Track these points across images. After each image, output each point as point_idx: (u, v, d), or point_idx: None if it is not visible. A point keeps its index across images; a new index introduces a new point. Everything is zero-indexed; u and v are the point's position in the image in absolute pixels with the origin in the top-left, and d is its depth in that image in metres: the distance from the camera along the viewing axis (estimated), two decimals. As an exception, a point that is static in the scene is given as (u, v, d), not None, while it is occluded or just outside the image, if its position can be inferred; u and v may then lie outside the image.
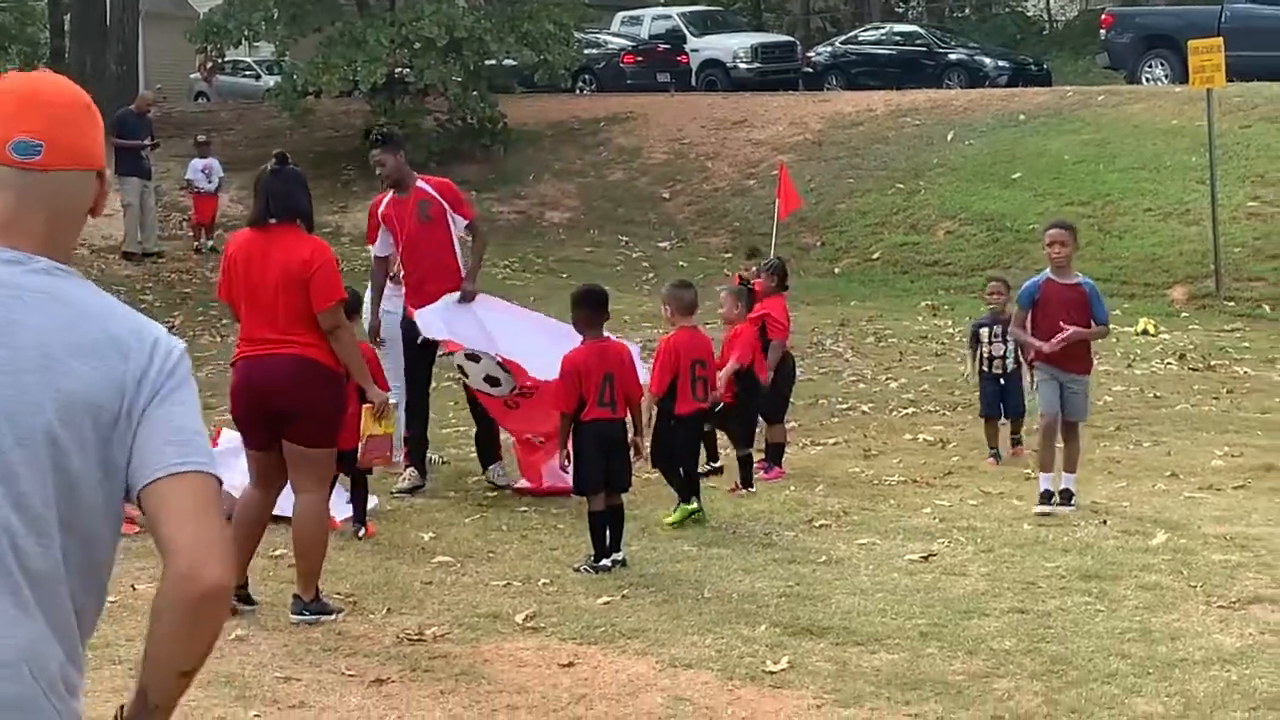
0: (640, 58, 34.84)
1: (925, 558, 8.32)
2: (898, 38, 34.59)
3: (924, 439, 12.02)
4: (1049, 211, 20.19)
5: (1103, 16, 30.74)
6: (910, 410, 13.37)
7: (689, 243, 24.11)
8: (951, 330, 17.48)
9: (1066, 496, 9.41)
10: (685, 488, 9.12)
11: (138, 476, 2.41)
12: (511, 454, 10.39)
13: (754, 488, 10.11)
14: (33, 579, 2.35)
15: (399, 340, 10.20)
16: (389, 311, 10.25)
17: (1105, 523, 9.03)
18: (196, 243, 23.44)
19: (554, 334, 9.85)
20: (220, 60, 35.49)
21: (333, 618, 7.24)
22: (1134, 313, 18.14)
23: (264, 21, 28.01)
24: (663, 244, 24.14)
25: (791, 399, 11.29)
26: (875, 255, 22.09)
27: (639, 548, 8.54)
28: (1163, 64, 27.73)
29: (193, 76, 40.79)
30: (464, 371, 10.12)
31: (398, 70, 27.63)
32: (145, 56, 36.66)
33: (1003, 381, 11.07)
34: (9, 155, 2.47)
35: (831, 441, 12.00)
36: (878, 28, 36.28)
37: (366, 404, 8.21)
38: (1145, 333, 17.30)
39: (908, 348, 16.86)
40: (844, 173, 24.50)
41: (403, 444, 9.95)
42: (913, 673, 6.45)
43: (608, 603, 7.54)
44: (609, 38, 36.24)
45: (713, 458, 10.60)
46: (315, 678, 6.48)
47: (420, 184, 10.13)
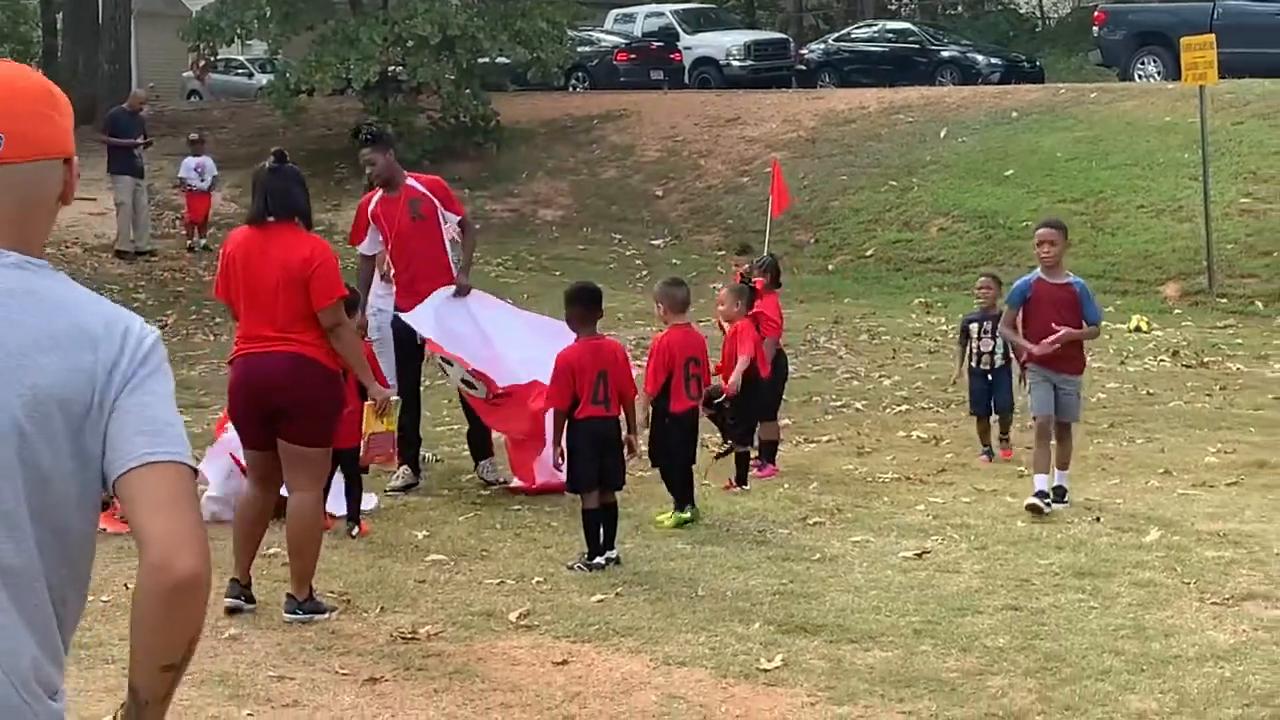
0: (633, 55, 34.85)
1: (919, 555, 8.32)
2: (890, 35, 34.62)
3: (917, 436, 12.02)
4: (1042, 208, 20.24)
5: (1095, 13, 30.75)
6: (904, 407, 13.38)
7: (682, 240, 24.11)
8: (944, 327, 17.48)
9: (1059, 493, 9.40)
10: (683, 493, 9.10)
11: (112, 467, 2.40)
12: (504, 452, 10.39)
13: (748, 485, 10.12)
14: (5, 574, 2.34)
15: (390, 339, 10.19)
16: (381, 310, 10.24)
17: (1099, 520, 9.04)
18: (189, 241, 23.39)
19: (547, 331, 9.85)
20: (213, 58, 35.50)
21: (326, 616, 7.24)
22: (1127, 309, 18.17)
23: (256, 19, 27.99)
24: (656, 242, 24.14)
25: (785, 396, 11.29)
26: (869, 252, 22.10)
27: (632, 545, 8.54)
28: (1155, 61, 27.76)
29: (185, 75, 40.72)
30: (445, 371, 10.15)
31: (391, 68, 27.62)
32: (138, 55, 36.60)
33: (990, 378, 11.07)
34: None
35: (825, 439, 12.00)
36: (871, 25, 36.33)
37: (368, 401, 8.22)
38: (1138, 330, 17.32)
39: (901, 345, 16.87)
40: (837, 170, 24.50)
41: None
42: (906, 670, 6.46)
43: (601, 601, 7.54)
44: (602, 35, 36.24)
45: (727, 438, 10.53)
46: (309, 676, 6.47)
47: (410, 182, 10.11)
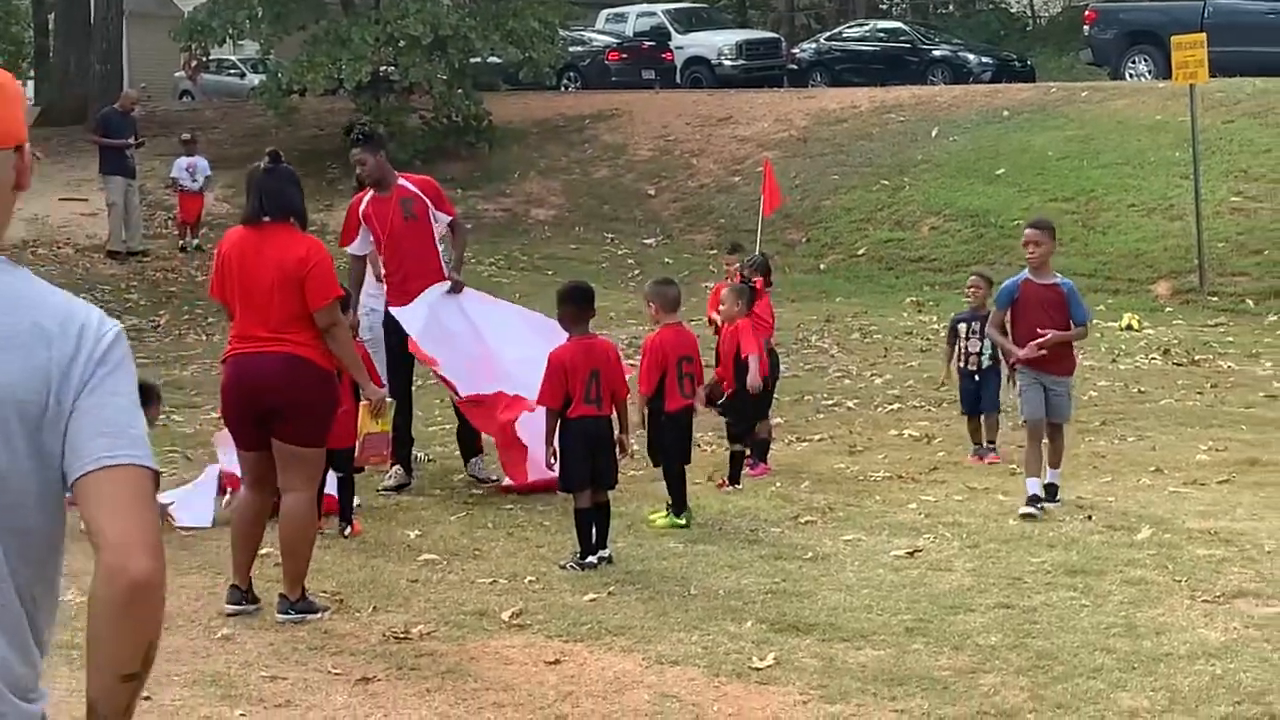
0: (625, 55, 34.83)
1: (911, 553, 8.33)
2: (882, 34, 34.62)
3: (909, 434, 12.04)
4: (1033, 207, 20.26)
5: (1086, 12, 30.74)
6: (895, 406, 13.39)
7: (674, 240, 24.11)
8: (936, 326, 17.47)
9: (1051, 491, 9.40)
10: (679, 498, 9.10)
11: (70, 469, 2.37)
12: (494, 449, 10.38)
13: (741, 484, 10.12)
14: None
15: (382, 339, 10.18)
16: (373, 310, 10.24)
17: (1090, 518, 9.05)
18: (181, 241, 23.37)
19: (540, 328, 9.86)
20: (205, 59, 35.41)
21: (319, 616, 7.24)
22: (1118, 308, 18.20)
23: (248, 20, 27.95)
24: (648, 241, 24.14)
25: (776, 395, 11.30)
26: (860, 251, 22.11)
27: (625, 545, 8.54)
28: (1146, 60, 27.77)
29: (177, 75, 40.65)
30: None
31: (383, 68, 27.59)
32: (129, 55, 36.57)
33: (977, 379, 11.07)
34: None
35: (817, 437, 12.01)
36: (862, 24, 36.33)
37: (363, 401, 8.21)
38: (1129, 328, 17.34)
39: (893, 344, 16.88)
40: (829, 169, 24.51)
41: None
42: (899, 668, 6.46)
43: (594, 600, 7.54)
44: (594, 35, 36.24)
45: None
46: (301, 676, 6.47)
47: (402, 182, 10.10)
